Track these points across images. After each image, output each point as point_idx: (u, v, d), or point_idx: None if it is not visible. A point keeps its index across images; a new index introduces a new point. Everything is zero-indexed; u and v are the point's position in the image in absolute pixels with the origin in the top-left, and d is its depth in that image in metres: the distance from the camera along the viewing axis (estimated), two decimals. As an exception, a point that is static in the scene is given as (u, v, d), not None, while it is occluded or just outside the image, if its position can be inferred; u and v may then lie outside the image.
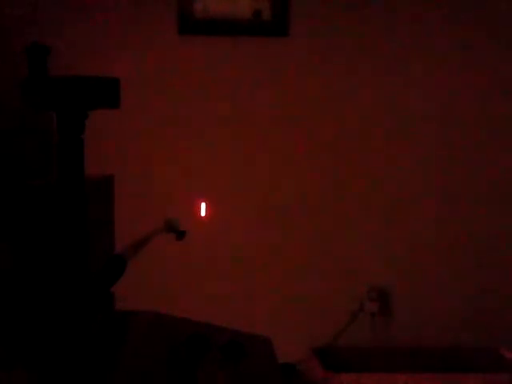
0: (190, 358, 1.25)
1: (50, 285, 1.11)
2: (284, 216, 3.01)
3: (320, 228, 3.02)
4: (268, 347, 1.38)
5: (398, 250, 3.03)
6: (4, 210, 1.10)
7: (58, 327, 1.11)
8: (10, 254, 1.11)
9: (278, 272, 3.01)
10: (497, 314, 3.05)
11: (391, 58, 2.99)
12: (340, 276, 3.02)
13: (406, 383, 2.69)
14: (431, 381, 2.71)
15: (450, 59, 3.01)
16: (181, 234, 2.44)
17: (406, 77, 3.00)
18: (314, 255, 3.02)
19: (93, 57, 2.87)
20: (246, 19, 2.92)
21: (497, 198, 3.06)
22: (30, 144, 1.30)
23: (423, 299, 3.05)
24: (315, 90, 2.98)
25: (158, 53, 2.94)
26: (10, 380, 1.10)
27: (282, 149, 3.00)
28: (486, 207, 3.05)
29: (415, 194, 3.04)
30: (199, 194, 2.91)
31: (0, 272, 1.11)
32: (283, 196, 3.00)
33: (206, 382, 1.19)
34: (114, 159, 2.86)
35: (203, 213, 2.38)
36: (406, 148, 3.03)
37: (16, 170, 1.26)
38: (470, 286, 3.05)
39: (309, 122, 2.99)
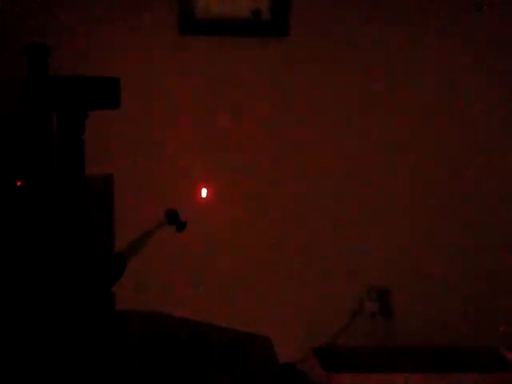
0: (190, 357, 1.25)
1: (50, 285, 1.11)
2: (283, 216, 3.01)
3: (320, 228, 3.02)
4: (268, 347, 1.38)
5: (398, 250, 3.03)
6: (4, 210, 1.10)
7: (57, 327, 1.11)
8: (9, 253, 1.11)
9: (278, 272, 3.01)
10: (497, 314, 3.05)
11: (392, 58, 2.99)
12: (340, 276, 3.02)
13: (406, 383, 2.69)
14: (431, 381, 2.71)
15: (451, 59, 3.01)
16: (181, 226, 2.44)
17: (408, 77, 3.00)
18: (314, 255, 3.02)
19: (93, 57, 2.87)
20: (246, 19, 2.92)
21: (497, 197, 3.06)
22: (30, 144, 1.30)
23: (423, 299, 3.04)
24: (315, 89, 2.98)
25: (158, 53, 2.94)
26: (8, 380, 1.10)
27: (281, 148, 2.99)
28: (486, 207, 3.05)
29: (415, 194, 3.04)
30: (199, 195, 2.91)
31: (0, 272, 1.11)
32: (283, 196, 3.00)
33: (205, 382, 1.19)
34: (114, 159, 2.86)
35: (204, 194, 2.38)
36: (406, 148, 3.03)
37: (16, 171, 1.26)
38: (469, 285, 3.05)
39: (308, 121, 2.99)
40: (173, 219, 2.55)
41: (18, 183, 1.10)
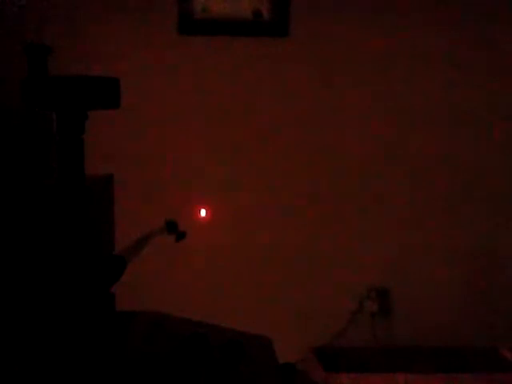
0: (190, 357, 1.25)
1: (49, 285, 1.11)
2: (283, 216, 3.01)
3: (320, 228, 3.02)
4: (268, 347, 1.38)
5: (397, 250, 3.03)
6: (3, 211, 1.10)
7: (57, 327, 1.11)
8: (9, 254, 1.11)
9: (277, 272, 3.01)
10: (497, 314, 3.05)
11: (392, 58, 3.00)
12: (340, 276, 3.02)
13: (406, 383, 2.69)
14: (431, 381, 2.71)
15: (451, 59, 3.02)
16: (180, 235, 2.43)
17: (407, 77, 3.00)
18: (314, 255, 3.02)
19: (93, 57, 2.87)
20: (246, 19, 2.92)
21: (496, 199, 3.06)
22: (30, 144, 1.30)
23: (423, 299, 3.05)
24: (315, 90, 2.98)
25: (158, 53, 2.94)
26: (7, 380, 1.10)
27: (281, 149, 3.00)
28: (485, 208, 3.05)
29: (415, 194, 3.04)
30: (199, 195, 2.91)
31: None
32: (283, 196, 3.00)
33: (205, 382, 1.19)
34: (114, 159, 2.86)
35: (203, 214, 2.38)
36: (406, 148, 3.03)
37: (16, 171, 1.26)
38: (469, 286, 3.05)
39: (309, 122, 3.00)
40: (172, 229, 2.54)
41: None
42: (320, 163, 3.01)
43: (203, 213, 2.44)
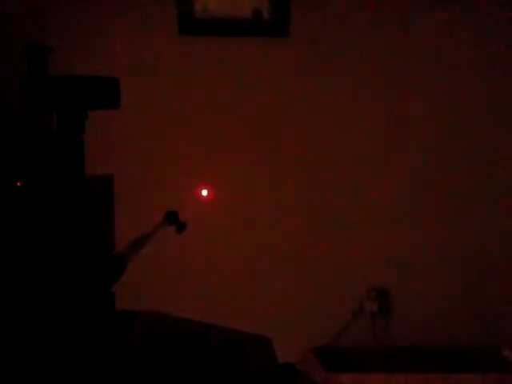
0: (190, 357, 1.25)
1: (49, 285, 1.11)
2: (284, 216, 3.01)
3: (320, 228, 3.02)
4: (268, 347, 1.38)
5: (397, 250, 3.03)
6: (3, 211, 1.10)
7: (57, 327, 1.11)
8: (9, 254, 1.11)
9: (278, 272, 3.01)
10: (497, 314, 3.05)
11: (392, 58, 2.99)
12: (340, 276, 3.02)
13: (406, 383, 2.69)
14: (431, 381, 2.71)
15: (452, 61, 3.01)
16: (181, 227, 2.44)
17: (407, 78, 3.00)
18: (313, 255, 3.02)
19: (93, 57, 2.87)
20: (246, 19, 2.92)
21: (497, 198, 3.06)
22: (30, 144, 1.30)
23: (423, 299, 3.05)
24: (315, 90, 2.98)
25: (158, 53, 2.94)
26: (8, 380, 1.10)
27: (281, 149, 3.00)
28: (486, 207, 3.05)
29: (415, 194, 3.04)
30: (200, 195, 2.91)
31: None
32: (283, 195, 3.00)
33: (205, 382, 1.19)
34: (114, 159, 2.86)
35: (205, 194, 2.38)
36: (405, 148, 3.03)
37: (16, 171, 1.26)
38: (470, 285, 3.05)
39: (308, 122, 2.99)
40: (173, 220, 2.54)
41: (18, 184, 1.10)
42: (320, 162, 3.01)
43: (205, 193, 2.43)
